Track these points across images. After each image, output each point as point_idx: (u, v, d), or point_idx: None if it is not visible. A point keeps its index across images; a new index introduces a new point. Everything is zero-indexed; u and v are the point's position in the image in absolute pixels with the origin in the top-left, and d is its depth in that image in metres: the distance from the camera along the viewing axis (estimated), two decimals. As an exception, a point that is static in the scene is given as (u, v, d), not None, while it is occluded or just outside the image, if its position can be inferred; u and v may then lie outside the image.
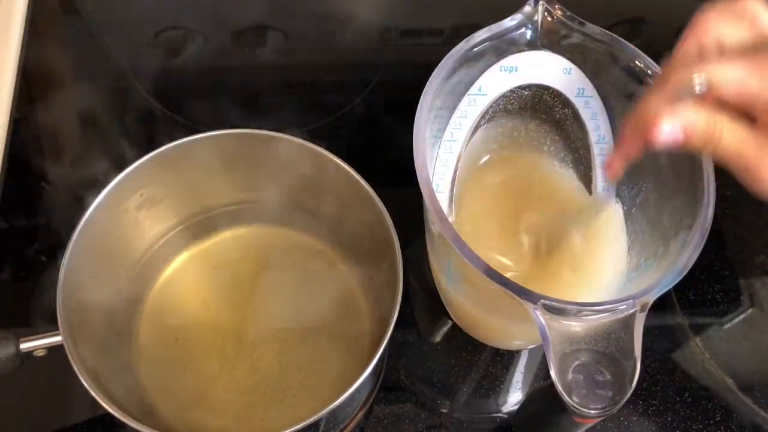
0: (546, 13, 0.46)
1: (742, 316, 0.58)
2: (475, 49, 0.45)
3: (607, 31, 0.46)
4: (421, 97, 0.43)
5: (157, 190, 0.51)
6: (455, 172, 0.48)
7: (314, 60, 0.68)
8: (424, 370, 0.54)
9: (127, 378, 0.49)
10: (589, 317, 0.38)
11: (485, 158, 0.52)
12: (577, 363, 0.38)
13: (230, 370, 0.50)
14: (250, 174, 0.53)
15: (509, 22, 0.46)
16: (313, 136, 0.50)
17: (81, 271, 0.46)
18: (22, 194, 0.61)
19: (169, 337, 0.52)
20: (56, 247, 0.57)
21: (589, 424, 0.42)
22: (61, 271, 0.44)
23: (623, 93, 0.47)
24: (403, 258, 0.46)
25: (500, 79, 0.48)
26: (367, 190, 0.48)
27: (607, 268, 0.49)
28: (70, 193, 0.57)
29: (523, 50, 0.47)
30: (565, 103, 0.49)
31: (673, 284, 0.40)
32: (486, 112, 0.49)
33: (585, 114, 0.49)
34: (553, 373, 0.37)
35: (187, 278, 0.54)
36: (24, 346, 0.43)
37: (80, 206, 0.47)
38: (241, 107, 0.61)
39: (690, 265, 0.40)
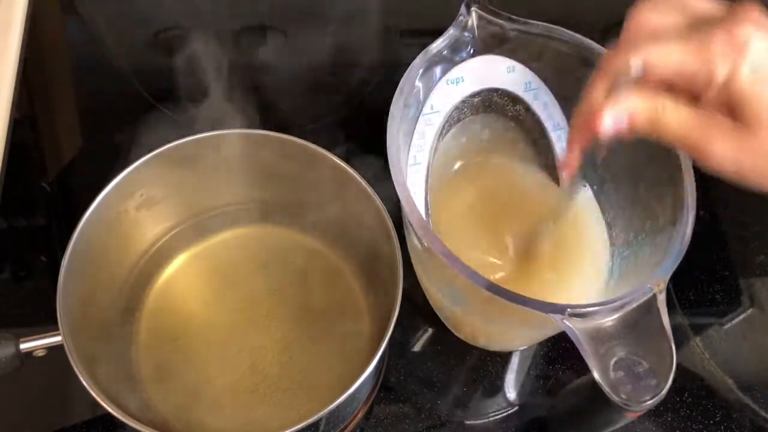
0: (479, 19, 0.46)
1: (742, 316, 0.58)
2: (421, 73, 0.45)
3: (544, 23, 0.47)
4: (388, 133, 0.43)
5: (157, 191, 0.51)
6: (426, 194, 0.48)
7: (314, 60, 0.68)
8: (424, 371, 0.54)
9: (127, 378, 0.49)
10: (613, 313, 0.38)
11: (451, 172, 0.52)
12: (614, 360, 0.38)
13: (230, 370, 0.50)
14: (250, 174, 0.53)
15: (444, 37, 0.46)
16: (313, 136, 0.50)
17: (81, 271, 0.46)
18: (22, 194, 0.60)
19: (169, 337, 0.52)
20: (56, 247, 0.57)
21: (639, 414, 0.42)
22: (61, 271, 0.44)
23: (571, 77, 0.47)
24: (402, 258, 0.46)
25: (449, 92, 0.48)
26: (366, 190, 0.48)
27: (590, 252, 0.50)
28: (70, 193, 0.57)
29: (466, 59, 0.47)
30: (515, 99, 0.50)
31: (680, 259, 0.40)
32: (443, 128, 0.49)
33: (536, 106, 0.50)
34: (596, 376, 0.37)
35: (187, 278, 0.54)
36: (24, 346, 0.43)
37: (80, 206, 0.47)
38: (241, 107, 0.61)
39: (690, 235, 0.41)
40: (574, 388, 0.54)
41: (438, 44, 0.46)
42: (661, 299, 0.39)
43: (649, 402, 0.37)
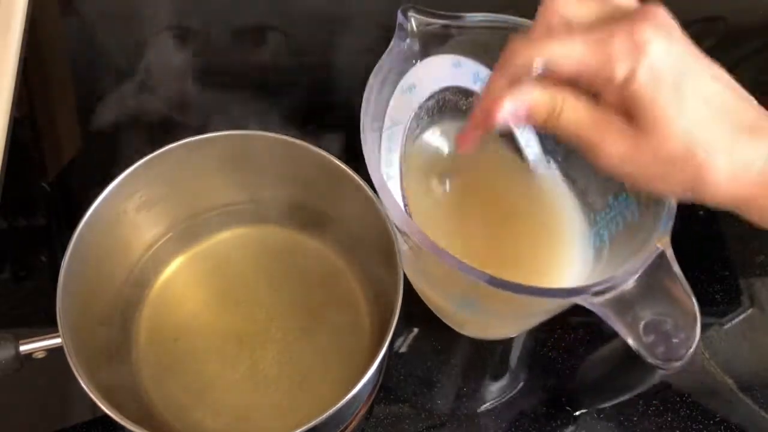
0: (418, 22, 0.47)
1: (742, 316, 0.58)
2: (378, 89, 0.46)
3: (482, 14, 0.47)
4: (365, 153, 0.44)
5: (157, 191, 0.51)
6: (405, 206, 0.48)
7: (314, 60, 0.68)
8: (424, 371, 0.54)
9: (127, 379, 0.49)
10: (629, 280, 0.39)
11: (423, 179, 0.52)
12: (642, 324, 0.39)
13: (230, 371, 0.50)
14: (250, 175, 0.53)
15: (390, 48, 0.46)
16: (313, 136, 0.50)
17: (81, 271, 0.46)
18: (22, 194, 0.61)
19: (169, 337, 0.52)
20: (56, 247, 0.57)
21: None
22: (62, 272, 0.44)
23: None
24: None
25: (404, 102, 0.48)
26: (366, 191, 0.48)
27: (570, 220, 0.51)
28: (70, 193, 0.57)
29: (415, 66, 0.48)
30: (466, 93, 0.50)
31: (675, 210, 0.41)
32: (406, 139, 0.49)
33: None
34: (633, 345, 0.39)
35: (186, 279, 0.54)
36: (24, 348, 0.43)
37: (80, 206, 0.47)
38: (241, 107, 0.61)
39: None
40: (600, 356, 0.55)
41: (386, 56, 0.46)
42: (670, 254, 0.40)
43: (685, 356, 0.38)
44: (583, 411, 0.52)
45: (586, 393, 0.54)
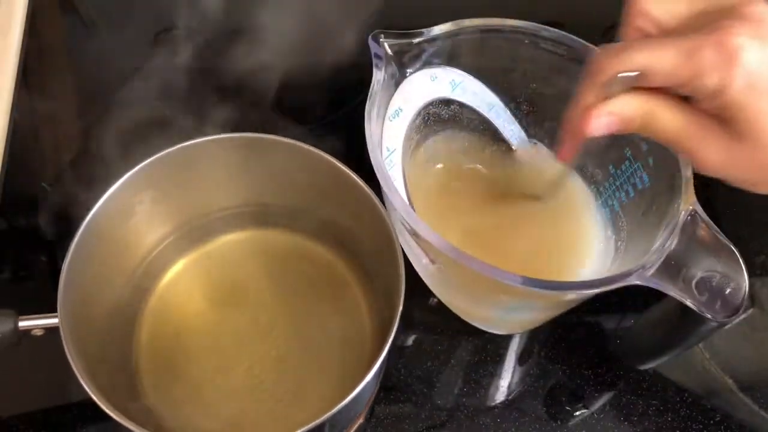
0: (390, 45, 0.48)
1: (742, 316, 0.58)
2: (374, 119, 0.46)
3: (448, 24, 0.49)
4: (381, 182, 0.44)
5: (160, 193, 0.51)
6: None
7: (313, 60, 0.68)
8: (424, 370, 0.54)
9: (126, 376, 0.49)
10: (669, 247, 0.41)
11: (424, 194, 0.53)
12: (694, 282, 0.40)
13: (229, 373, 0.50)
14: (252, 177, 0.53)
15: (375, 78, 0.47)
16: (313, 137, 0.50)
17: (83, 271, 0.46)
18: (22, 194, 0.60)
19: (169, 337, 0.52)
20: (56, 247, 0.57)
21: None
22: (63, 272, 0.44)
23: (486, 55, 0.50)
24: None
25: (395, 128, 0.49)
26: (366, 192, 0.48)
27: (575, 197, 0.52)
28: (70, 194, 0.56)
29: (398, 89, 0.49)
30: (447, 102, 0.52)
31: (692, 167, 0.42)
32: (403, 161, 0.50)
33: (466, 98, 0.52)
34: (691, 305, 0.40)
35: (190, 279, 0.54)
36: (22, 324, 0.43)
37: (80, 207, 0.47)
38: (241, 107, 0.61)
39: None
40: (654, 316, 0.56)
41: (373, 87, 0.47)
42: (699, 210, 0.41)
43: (742, 303, 0.40)
44: (584, 411, 0.53)
45: (642, 352, 0.56)
